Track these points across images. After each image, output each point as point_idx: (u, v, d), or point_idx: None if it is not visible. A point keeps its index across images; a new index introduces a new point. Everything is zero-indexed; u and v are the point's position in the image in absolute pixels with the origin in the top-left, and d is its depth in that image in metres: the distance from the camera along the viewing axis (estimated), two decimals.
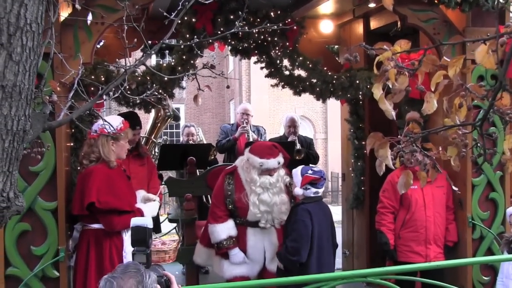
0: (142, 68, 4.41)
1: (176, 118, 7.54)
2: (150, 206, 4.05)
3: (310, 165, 4.61)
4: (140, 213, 3.86)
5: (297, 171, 4.27)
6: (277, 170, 4.29)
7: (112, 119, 3.91)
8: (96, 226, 3.77)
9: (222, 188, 4.36)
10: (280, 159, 4.29)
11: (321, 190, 4.30)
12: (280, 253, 4.21)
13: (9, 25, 1.61)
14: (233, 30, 2.53)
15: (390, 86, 1.75)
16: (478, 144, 2.00)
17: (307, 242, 4.08)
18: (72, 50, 3.98)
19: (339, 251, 6.86)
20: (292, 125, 6.64)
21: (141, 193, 4.18)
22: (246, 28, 3.59)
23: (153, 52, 2.21)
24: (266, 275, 4.33)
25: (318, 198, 4.28)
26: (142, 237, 2.36)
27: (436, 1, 4.32)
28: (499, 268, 4.38)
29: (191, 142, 7.04)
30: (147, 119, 6.94)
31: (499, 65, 1.58)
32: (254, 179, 4.22)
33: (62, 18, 3.95)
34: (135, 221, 2.44)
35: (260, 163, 4.20)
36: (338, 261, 7.07)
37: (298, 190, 4.23)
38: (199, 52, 4.15)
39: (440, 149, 1.96)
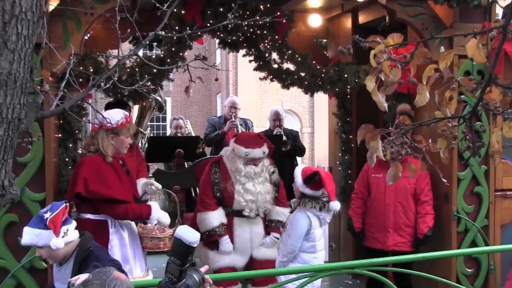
0: (131, 59, 4.40)
1: (161, 108, 7.52)
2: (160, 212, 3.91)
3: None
4: (148, 207, 3.83)
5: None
6: (261, 160, 4.37)
7: (114, 113, 3.83)
8: (87, 216, 3.76)
9: (209, 177, 4.42)
10: (265, 149, 4.37)
11: None
12: None
13: (4, 13, 1.60)
14: (225, 22, 2.54)
15: (383, 79, 1.78)
16: (467, 137, 2.04)
17: None
18: (61, 41, 3.96)
19: (325, 244, 6.94)
20: (276, 118, 6.67)
21: (142, 180, 4.16)
22: (236, 21, 3.60)
23: (147, 42, 2.21)
24: (254, 265, 4.37)
25: None
26: (182, 252, 2.15)
27: None
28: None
29: (179, 134, 7.02)
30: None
31: (489, 58, 1.62)
32: (239, 169, 4.30)
33: (51, 8, 3.92)
34: (181, 232, 2.18)
35: (245, 152, 4.28)
36: (325, 254, 7.13)
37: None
38: (191, 43, 4.14)
39: (430, 141, 2.00)
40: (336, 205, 4.13)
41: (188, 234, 2.16)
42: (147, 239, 3.86)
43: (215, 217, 4.33)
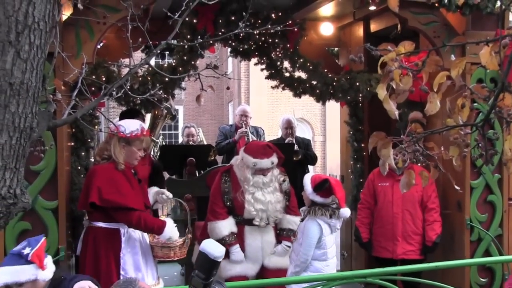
0: (143, 68, 4.43)
1: (173, 117, 7.54)
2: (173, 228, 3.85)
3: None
4: (162, 223, 3.81)
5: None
6: (270, 170, 4.35)
7: (130, 123, 3.84)
8: (99, 224, 3.77)
9: (219, 186, 4.43)
10: (274, 159, 4.34)
11: None
12: None
13: (17, 23, 1.62)
14: (237, 31, 2.55)
15: (394, 87, 1.77)
16: (479, 145, 2.02)
17: None
18: (74, 50, 4.00)
19: (337, 253, 6.91)
20: (288, 126, 6.65)
21: (153, 189, 4.17)
22: (248, 29, 3.62)
23: (158, 51, 2.23)
24: (266, 273, 4.35)
25: None
26: (207, 266, 2.12)
27: (436, 5, 4.35)
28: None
29: (191, 142, 7.03)
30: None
31: (501, 66, 1.60)
32: (247, 178, 4.30)
33: (64, 18, 3.97)
34: (205, 246, 2.14)
35: (253, 163, 4.26)
36: (337, 263, 7.08)
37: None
38: (202, 52, 4.16)
39: (442, 149, 1.98)
40: (346, 211, 4.13)
41: (213, 248, 2.12)
42: (158, 248, 3.87)
43: (225, 226, 4.32)
